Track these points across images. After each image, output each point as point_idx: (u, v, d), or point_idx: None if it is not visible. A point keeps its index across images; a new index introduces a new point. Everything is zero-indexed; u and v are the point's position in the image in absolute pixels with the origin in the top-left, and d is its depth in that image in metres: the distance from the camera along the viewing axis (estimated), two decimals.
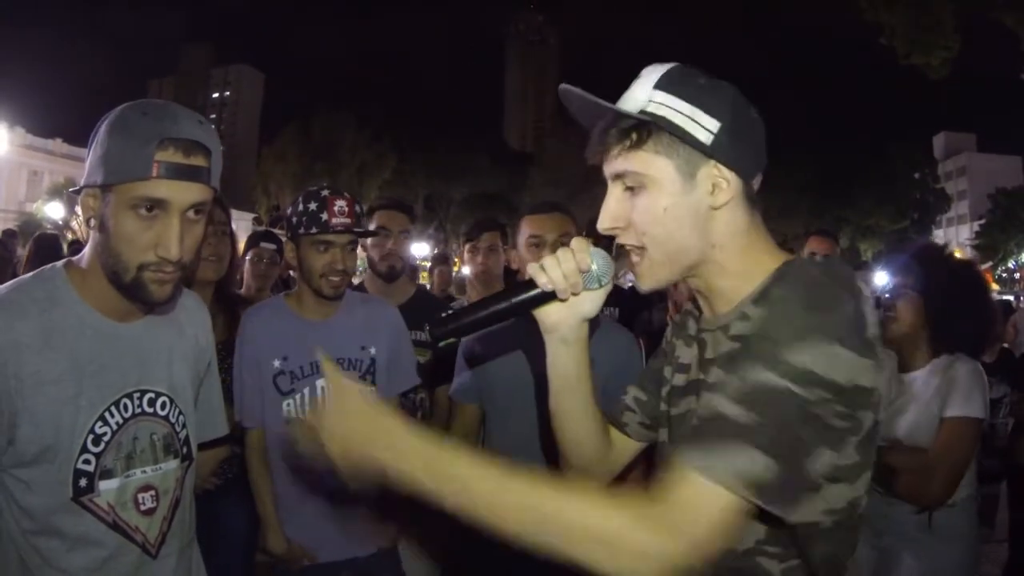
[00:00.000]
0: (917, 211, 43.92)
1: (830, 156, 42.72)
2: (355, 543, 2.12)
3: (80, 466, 1.18)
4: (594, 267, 1.03)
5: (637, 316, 3.96)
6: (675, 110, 0.94)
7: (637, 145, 0.96)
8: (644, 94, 0.96)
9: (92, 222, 1.19)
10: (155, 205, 1.14)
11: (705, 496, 0.80)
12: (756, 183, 1.01)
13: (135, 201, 1.13)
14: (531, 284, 1.03)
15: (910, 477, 2.00)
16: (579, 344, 1.08)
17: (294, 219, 2.05)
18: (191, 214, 1.18)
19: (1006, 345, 4.48)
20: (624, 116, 0.96)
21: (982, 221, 47.22)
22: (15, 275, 1.49)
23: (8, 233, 8.43)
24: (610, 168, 1.00)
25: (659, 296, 3.57)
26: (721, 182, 0.95)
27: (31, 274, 1.25)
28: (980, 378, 2.04)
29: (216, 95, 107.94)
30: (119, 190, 1.14)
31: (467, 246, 3.12)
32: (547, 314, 1.07)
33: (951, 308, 2.04)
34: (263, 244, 3.47)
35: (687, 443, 0.85)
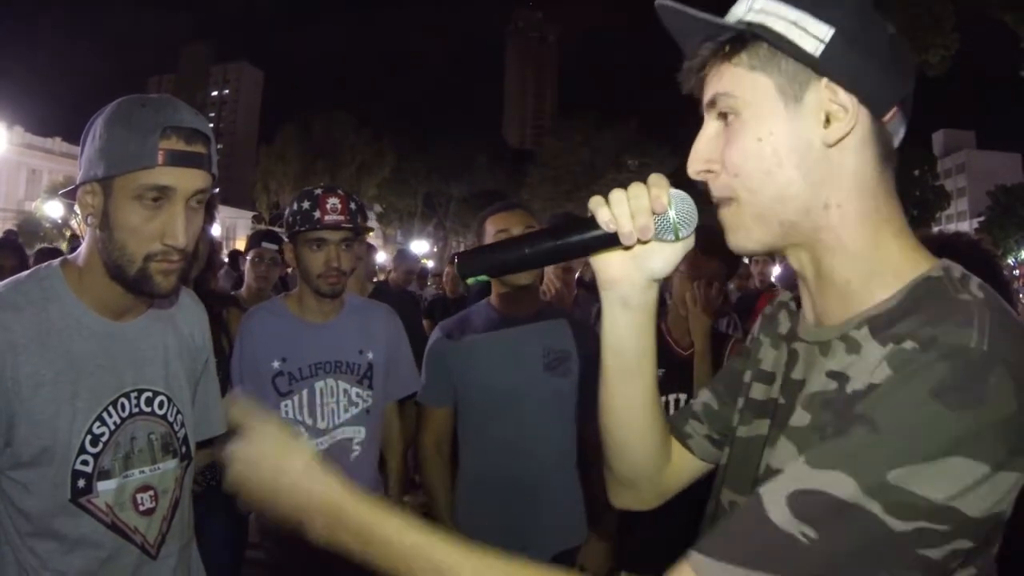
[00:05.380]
0: (917, 208, 43.92)
1: None
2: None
3: (78, 467, 1.17)
4: (671, 212, 0.80)
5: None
6: (776, 15, 0.73)
7: (728, 57, 0.75)
8: (746, 3, 0.76)
9: (91, 219, 1.18)
10: (160, 193, 1.14)
11: None
12: (897, 129, 0.75)
13: (140, 190, 1.13)
14: (590, 222, 0.81)
15: None
16: (643, 312, 0.86)
17: (290, 219, 2.09)
18: (193, 202, 1.19)
19: None
20: (719, 29, 0.75)
21: (981, 218, 47.27)
22: None
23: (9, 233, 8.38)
24: (705, 95, 0.79)
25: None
26: (837, 109, 0.71)
27: (27, 272, 1.24)
28: None
29: (215, 93, 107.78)
30: (121, 181, 1.13)
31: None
32: (607, 263, 0.85)
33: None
34: (264, 244, 3.46)
35: (705, 539, 0.63)
